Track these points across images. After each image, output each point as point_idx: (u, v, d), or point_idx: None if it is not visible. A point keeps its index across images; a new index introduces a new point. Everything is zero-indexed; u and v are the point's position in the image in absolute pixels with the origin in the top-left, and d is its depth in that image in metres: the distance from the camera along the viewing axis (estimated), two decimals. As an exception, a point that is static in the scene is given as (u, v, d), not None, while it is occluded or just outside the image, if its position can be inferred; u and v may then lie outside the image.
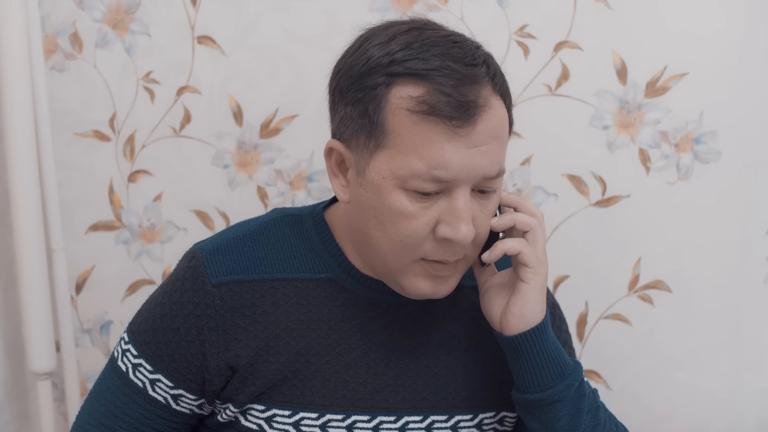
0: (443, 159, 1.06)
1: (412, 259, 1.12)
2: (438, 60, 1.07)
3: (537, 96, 1.59)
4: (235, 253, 1.21)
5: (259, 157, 1.66)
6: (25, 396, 1.78)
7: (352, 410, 1.21)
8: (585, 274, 1.64)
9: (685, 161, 1.58)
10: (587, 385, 1.21)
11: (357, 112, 1.10)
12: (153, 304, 1.24)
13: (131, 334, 1.24)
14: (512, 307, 1.16)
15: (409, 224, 1.09)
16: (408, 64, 1.07)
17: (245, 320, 1.18)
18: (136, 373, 1.22)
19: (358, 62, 1.11)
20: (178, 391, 1.21)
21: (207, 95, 1.64)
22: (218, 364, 1.18)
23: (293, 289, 1.21)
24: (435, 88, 1.06)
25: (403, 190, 1.08)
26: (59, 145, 1.68)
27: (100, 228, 1.72)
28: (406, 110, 1.07)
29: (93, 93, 1.67)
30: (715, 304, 1.62)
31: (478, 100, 1.06)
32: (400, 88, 1.07)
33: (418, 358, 1.24)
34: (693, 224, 1.60)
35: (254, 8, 1.60)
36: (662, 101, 1.57)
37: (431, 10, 1.57)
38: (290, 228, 1.25)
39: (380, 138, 1.09)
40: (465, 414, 1.25)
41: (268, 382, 1.19)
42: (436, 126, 1.06)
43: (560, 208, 1.62)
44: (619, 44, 1.56)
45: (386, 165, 1.09)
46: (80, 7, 1.64)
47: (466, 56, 1.08)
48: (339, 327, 1.21)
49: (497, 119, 1.09)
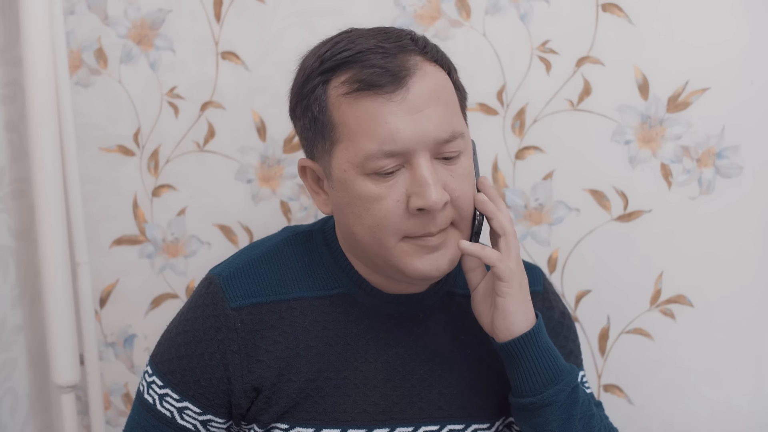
0: (389, 132, 1.08)
1: (396, 240, 1.13)
2: (363, 45, 1.11)
3: (559, 111, 1.59)
4: (252, 276, 1.22)
5: (282, 172, 1.67)
6: (49, 409, 1.79)
7: (373, 424, 1.22)
8: (607, 288, 1.64)
9: (707, 176, 1.58)
10: (583, 392, 1.21)
11: (308, 120, 1.15)
12: (174, 333, 1.25)
13: (154, 366, 1.25)
14: (495, 321, 1.17)
15: (380, 206, 1.11)
16: (336, 57, 1.12)
17: (266, 342, 1.19)
18: (163, 403, 1.22)
19: (298, 77, 1.18)
20: (206, 416, 1.21)
21: (231, 110, 1.65)
22: (243, 387, 1.19)
23: (309, 307, 1.22)
24: (362, 65, 1.09)
25: (366, 176, 1.11)
26: (84, 160, 1.69)
27: (124, 242, 1.73)
28: (343, 96, 1.10)
29: (118, 108, 1.68)
30: (737, 318, 1.62)
31: (405, 64, 1.10)
32: (335, 80, 1.12)
33: (432, 368, 1.25)
34: (715, 239, 1.60)
35: (278, 24, 1.61)
36: (684, 116, 1.57)
37: (453, 25, 1.58)
38: (302, 246, 1.27)
39: (332, 135, 1.12)
40: (481, 423, 1.26)
41: (291, 401, 1.20)
42: (372, 100, 1.09)
43: (582, 223, 1.62)
44: (641, 59, 1.56)
45: (344, 157, 1.11)
46: (105, 23, 1.65)
47: (391, 36, 1.13)
48: (355, 342, 1.22)
49: (434, 81, 1.12)
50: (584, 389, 1.24)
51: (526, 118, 1.60)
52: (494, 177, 1.62)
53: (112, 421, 1.81)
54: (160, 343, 1.27)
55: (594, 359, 1.66)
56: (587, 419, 1.20)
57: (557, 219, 1.62)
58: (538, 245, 1.64)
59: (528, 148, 1.61)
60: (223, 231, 1.70)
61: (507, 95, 1.60)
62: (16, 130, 1.66)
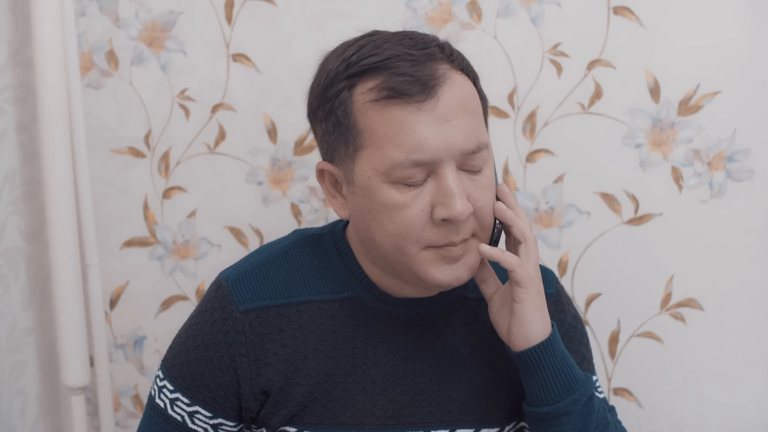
0: (417, 141, 1.08)
1: (418, 249, 1.12)
2: (391, 50, 1.10)
3: (570, 114, 1.59)
4: (260, 280, 1.22)
5: (293, 174, 1.67)
6: (59, 411, 1.79)
7: (382, 428, 1.21)
8: (617, 292, 1.64)
9: (718, 179, 1.58)
10: (598, 401, 1.21)
11: (331, 124, 1.14)
12: (183, 337, 1.25)
13: (165, 370, 1.25)
14: (512, 329, 1.16)
15: (405, 215, 1.10)
16: (363, 62, 1.10)
17: (274, 345, 1.19)
18: (174, 408, 1.22)
19: (321, 79, 1.16)
20: (217, 420, 1.22)
21: (241, 113, 1.66)
22: (252, 390, 1.19)
23: (318, 310, 1.22)
24: (391, 72, 1.09)
25: (391, 184, 1.10)
26: (95, 162, 1.69)
27: (134, 244, 1.73)
28: (370, 102, 1.09)
29: (128, 110, 1.68)
30: (747, 322, 1.62)
31: (435, 73, 1.09)
32: (361, 85, 1.11)
33: (442, 372, 1.24)
34: (725, 242, 1.60)
35: (289, 26, 1.61)
36: (695, 119, 1.57)
37: (465, 28, 1.58)
38: (311, 249, 1.26)
39: (357, 140, 1.11)
40: (491, 427, 1.26)
41: (299, 405, 1.20)
42: (401, 108, 1.08)
43: (593, 226, 1.62)
44: (652, 62, 1.56)
45: (368, 164, 1.11)
46: (116, 25, 1.66)
47: (417, 43, 1.12)
48: (364, 345, 1.22)
49: (462, 91, 1.12)
50: (599, 397, 1.23)
51: (537, 121, 1.60)
52: (505, 180, 1.62)
53: (121, 422, 1.81)
54: (171, 348, 1.27)
55: (604, 363, 1.66)
56: (602, 427, 1.20)
57: (568, 222, 1.62)
58: (548, 248, 1.64)
59: (539, 151, 1.61)
60: (233, 233, 1.70)
61: (518, 98, 1.60)
62: (27, 131, 1.66)
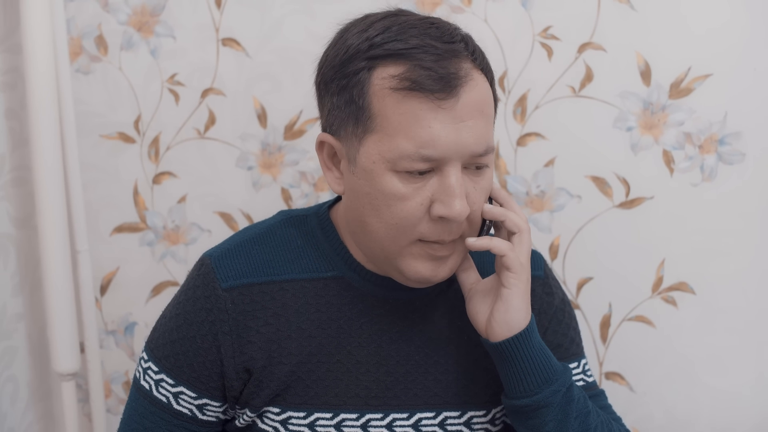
0: (431, 136, 1.07)
1: (409, 241, 1.12)
2: (416, 39, 1.09)
3: (561, 97, 1.59)
4: (244, 257, 1.22)
5: (283, 159, 1.66)
6: (50, 397, 1.79)
7: (366, 409, 1.21)
8: (608, 275, 1.64)
9: (709, 162, 1.58)
10: (578, 390, 1.21)
11: (343, 100, 1.12)
12: (167, 317, 1.24)
13: (149, 351, 1.24)
14: (495, 314, 1.16)
15: (404, 206, 1.10)
16: (387, 46, 1.09)
17: (257, 323, 1.19)
18: (159, 389, 1.22)
19: (339, 52, 1.13)
20: (202, 400, 1.21)
21: (231, 97, 1.65)
22: (235, 368, 1.19)
23: (302, 289, 1.21)
24: (416, 64, 1.07)
25: (395, 173, 1.09)
26: (84, 147, 1.69)
27: (124, 230, 1.73)
28: (389, 89, 1.08)
29: (118, 95, 1.68)
30: (739, 305, 1.62)
31: (459, 72, 1.08)
32: (381, 69, 1.09)
33: (428, 354, 1.24)
34: (717, 226, 1.59)
35: (278, 10, 1.61)
36: (686, 102, 1.57)
37: (455, 11, 1.58)
38: (296, 229, 1.26)
39: (367, 123, 1.10)
40: (478, 410, 1.25)
41: (282, 384, 1.19)
42: (420, 102, 1.07)
43: (584, 210, 1.62)
44: (643, 45, 1.56)
45: (376, 149, 1.10)
46: (105, 9, 1.65)
47: (443, 35, 1.11)
48: (348, 325, 1.22)
49: (481, 92, 1.11)
50: (579, 387, 1.23)
51: (528, 105, 1.59)
52: (496, 164, 1.61)
53: (112, 408, 1.81)
54: (155, 329, 1.26)
55: (596, 347, 1.66)
56: (583, 417, 1.19)
57: (559, 206, 1.62)
58: (539, 232, 1.63)
59: (529, 134, 1.60)
60: (223, 218, 1.69)
61: (508, 82, 1.59)
62: (17, 117, 1.65)
